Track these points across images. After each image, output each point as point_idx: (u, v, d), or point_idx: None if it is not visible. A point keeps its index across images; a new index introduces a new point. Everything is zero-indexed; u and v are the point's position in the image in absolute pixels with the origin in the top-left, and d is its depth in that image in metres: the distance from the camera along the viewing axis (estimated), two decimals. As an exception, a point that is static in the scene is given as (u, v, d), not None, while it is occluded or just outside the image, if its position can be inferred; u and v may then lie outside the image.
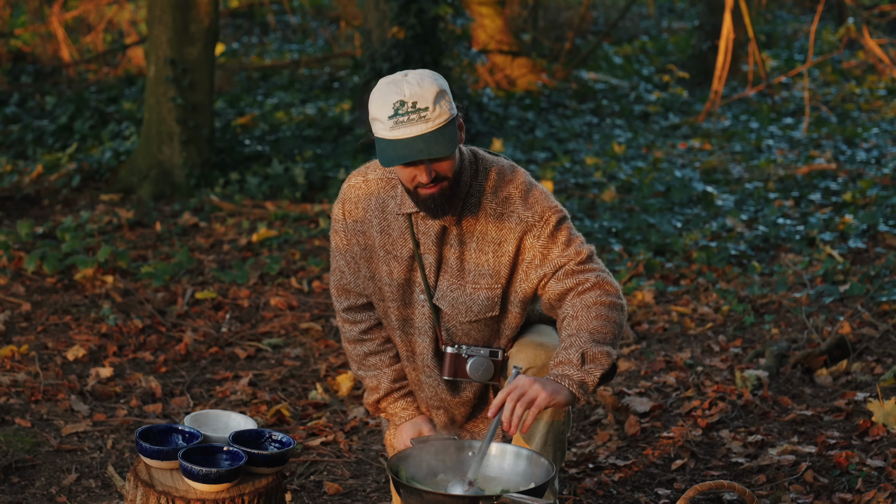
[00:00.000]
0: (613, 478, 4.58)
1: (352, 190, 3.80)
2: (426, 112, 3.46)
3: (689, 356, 5.89)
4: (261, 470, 3.59)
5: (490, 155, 3.76)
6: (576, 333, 3.48)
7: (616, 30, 18.17)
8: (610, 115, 12.93)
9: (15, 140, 10.83)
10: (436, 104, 3.47)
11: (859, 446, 4.74)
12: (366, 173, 3.80)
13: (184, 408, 5.34)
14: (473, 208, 3.66)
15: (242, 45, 16.77)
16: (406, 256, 3.72)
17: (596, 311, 3.52)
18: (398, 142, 3.46)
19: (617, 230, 8.02)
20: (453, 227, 3.68)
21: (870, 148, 10.79)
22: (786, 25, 19.19)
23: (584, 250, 3.64)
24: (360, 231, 3.78)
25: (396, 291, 3.76)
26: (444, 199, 3.57)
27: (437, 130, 3.48)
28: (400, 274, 3.74)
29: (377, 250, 3.76)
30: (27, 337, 6.16)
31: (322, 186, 9.36)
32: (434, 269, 3.72)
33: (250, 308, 6.72)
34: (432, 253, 3.70)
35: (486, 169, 3.69)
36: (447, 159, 3.53)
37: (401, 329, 3.81)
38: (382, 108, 3.48)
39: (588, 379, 3.42)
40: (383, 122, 3.48)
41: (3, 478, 4.53)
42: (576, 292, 3.58)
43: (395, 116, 3.45)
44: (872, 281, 6.63)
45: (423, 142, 3.45)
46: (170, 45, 9.15)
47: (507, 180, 3.69)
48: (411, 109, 3.46)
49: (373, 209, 3.75)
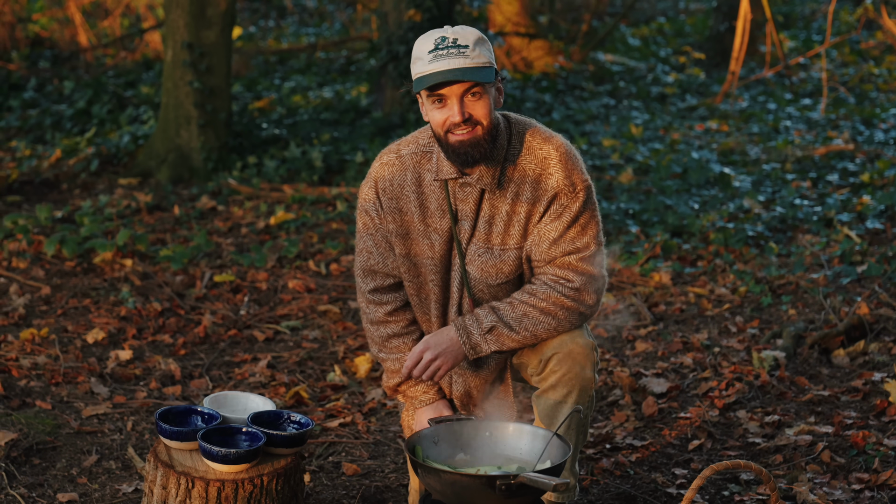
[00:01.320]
0: (631, 458, 4.60)
1: (385, 168, 3.79)
2: (466, 49, 3.52)
3: (706, 337, 5.89)
4: (279, 451, 3.62)
5: (522, 117, 3.77)
6: (514, 304, 3.68)
7: (633, 11, 18.12)
8: (627, 97, 12.90)
9: (33, 125, 10.87)
10: (476, 46, 3.54)
11: (876, 426, 4.75)
12: (398, 150, 3.80)
13: (203, 390, 5.37)
14: (511, 171, 3.67)
15: (259, 29, 16.78)
16: (445, 228, 3.72)
17: (550, 303, 3.66)
18: (436, 73, 3.51)
19: (634, 212, 8.02)
20: (490, 191, 3.68)
21: (888, 129, 10.75)
22: (804, 6, 19.10)
23: (593, 245, 3.68)
24: (397, 209, 3.77)
25: (438, 264, 3.76)
26: (476, 147, 3.56)
27: (476, 67, 3.53)
28: (441, 247, 3.74)
29: (416, 226, 3.75)
30: (47, 320, 6.20)
31: (339, 170, 9.37)
32: (468, 235, 3.72)
33: (268, 291, 6.74)
34: (468, 219, 3.71)
35: (520, 132, 3.71)
36: (482, 97, 3.55)
37: (436, 302, 3.82)
38: (424, 44, 3.55)
39: (483, 347, 3.68)
40: (423, 59, 3.54)
41: (25, 459, 4.56)
42: (555, 279, 3.67)
43: (436, 50, 3.52)
44: (890, 262, 6.62)
45: (460, 72, 3.50)
46: (187, 29, 9.17)
47: (545, 139, 3.70)
48: (451, 45, 3.52)
49: (409, 184, 3.75)
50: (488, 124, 3.56)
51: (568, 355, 3.69)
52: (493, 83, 3.58)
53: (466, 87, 3.52)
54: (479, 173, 3.64)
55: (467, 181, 3.65)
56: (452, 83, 3.50)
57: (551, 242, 3.65)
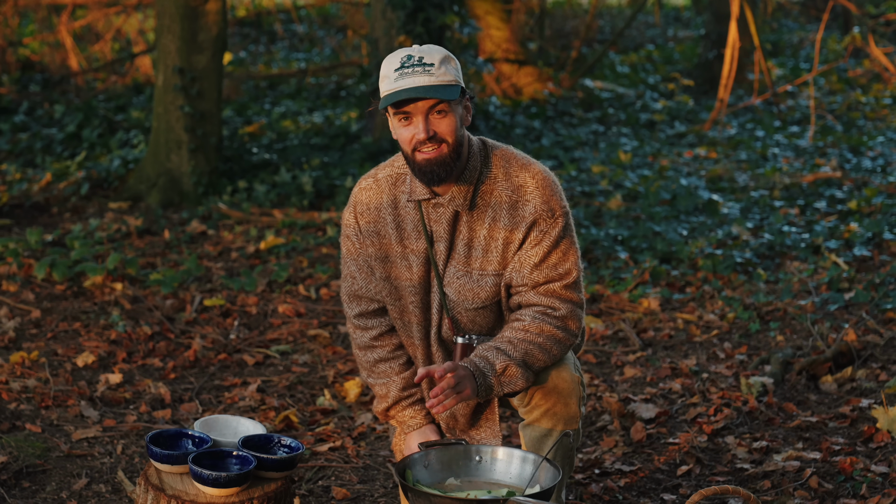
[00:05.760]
0: (619, 483, 4.61)
1: (363, 193, 3.82)
2: (431, 67, 3.54)
3: (694, 363, 5.92)
4: (270, 474, 3.62)
5: (500, 143, 3.79)
6: (515, 343, 3.64)
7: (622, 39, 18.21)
8: (616, 124, 12.96)
9: (24, 148, 10.88)
10: (441, 64, 3.56)
11: (864, 452, 4.77)
12: (375, 174, 3.84)
13: (193, 414, 5.37)
14: (486, 195, 3.69)
15: (250, 54, 16.83)
16: (422, 250, 3.74)
17: (545, 338, 3.66)
18: (401, 91, 3.53)
19: (623, 238, 8.05)
20: (465, 212, 3.70)
21: (875, 156, 10.81)
22: (791, 34, 19.22)
23: (575, 272, 3.71)
24: (375, 232, 3.80)
25: (417, 287, 3.77)
26: (441, 164, 3.58)
27: (441, 85, 3.55)
28: (419, 269, 3.75)
29: (394, 247, 3.77)
30: (37, 343, 6.20)
31: (329, 194, 9.40)
32: (444, 257, 3.74)
33: (258, 315, 6.76)
34: (443, 240, 3.72)
35: (497, 157, 3.73)
36: (447, 115, 3.57)
37: (418, 325, 3.83)
38: (391, 62, 3.58)
39: (497, 390, 3.64)
40: (389, 77, 3.56)
41: (15, 483, 4.56)
42: (542, 310, 3.68)
43: (402, 68, 3.54)
44: (877, 288, 6.66)
45: (423, 90, 3.53)
46: (178, 54, 9.20)
47: (522, 166, 3.72)
48: (417, 63, 3.54)
49: (386, 207, 3.77)
50: (453, 142, 3.59)
51: (553, 390, 3.71)
52: (459, 101, 3.61)
53: (431, 104, 3.55)
54: (452, 194, 3.66)
55: (440, 202, 3.68)
56: (417, 100, 3.54)
57: (533, 267, 3.67)
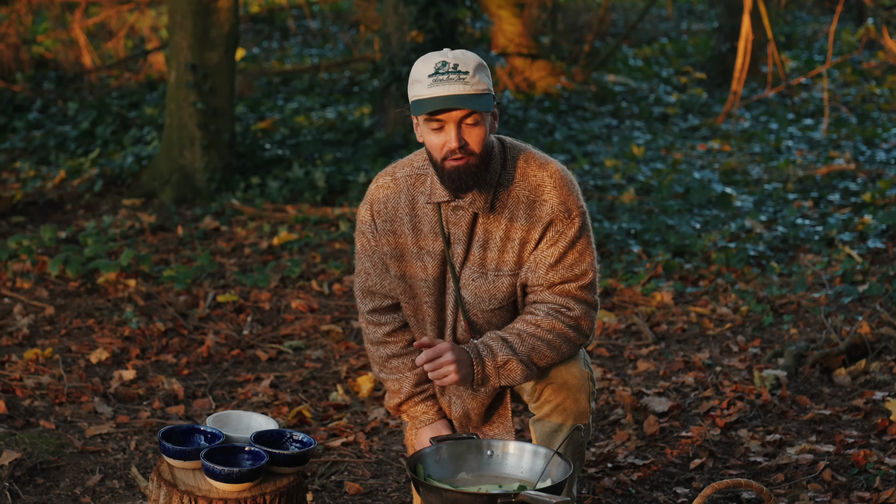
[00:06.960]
0: (632, 477, 4.61)
1: (380, 190, 3.80)
2: (466, 76, 3.50)
3: (707, 356, 5.91)
4: (282, 470, 3.62)
5: (518, 142, 3.78)
6: (523, 337, 3.64)
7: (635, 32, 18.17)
8: (629, 117, 12.94)
9: (38, 146, 10.91)
10: (476, 72, 3.52)
11: (877, 445, 4.76)
12: (393, 172, 3.81)
13: (206, 410, 5.38)
14: (504, 195, 3.67)
15: (262, 50, 16.84)
16: (438, 251, 3.73)
17: (555, 335, 3.65)
18: (436, 98, 3.50)
19: (636, 231, 8.04)
20: (483, 214, 3.69)
21: (889, 148, 10.77)
22: (805, 26, 19.16)
23: (591, 273, 3.69)
24: (391, 231, 3.78)
25: (432, 286, 3.76)
26: (470, 175, 3.56)
27: (475, 94, 3.52)
28: (434, 269, 3.74)
29: (409, 247, 3.76)
30: (51, 340, 6.22)
31: (342, 190, 9.40)
32: (461, 259, 3.73)
33: (271, 311, 6.76)
34: (461, 242, 3.71)
35: (514, 157, 3.71)
36: (479, 125, 3.55)
37: (432, 323, 3.83)
38: (424, 67, 3.54)
39: (493, 381, 3.64)
40: (422, 82, 3.52)
41: (29, 479, 4.58)
42: (556, 308, 3.66)
43: (436, 75, 3.50)
44: (891, 281, 6.64)
45: (459, 99, 3.49)
46: (191, 51, 9.21)
47: (540, 165, 3.71)
48: (452, 70, 3.50)
49: (403, 206, 3.76)
50: (482, 152, 3.57)
51: (563, 385, 3.70)
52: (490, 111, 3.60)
53: (465, 113, 3.52)
54: (472, 197, 3.64)
55: (460, 204, 3.66)
56: (451, 110, 3.52)
57: (549, 267, 3.66)
